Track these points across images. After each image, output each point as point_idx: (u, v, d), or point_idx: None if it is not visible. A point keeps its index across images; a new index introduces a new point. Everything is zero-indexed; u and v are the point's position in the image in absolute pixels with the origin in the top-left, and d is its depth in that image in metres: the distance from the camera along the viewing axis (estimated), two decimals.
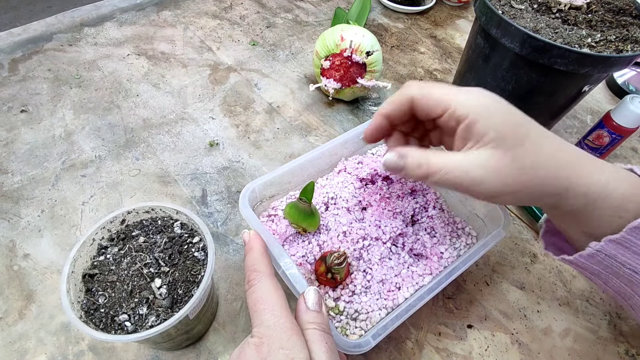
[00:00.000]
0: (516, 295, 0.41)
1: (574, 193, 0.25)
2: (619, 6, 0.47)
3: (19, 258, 0.40)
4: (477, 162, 0.25)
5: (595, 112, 0.63)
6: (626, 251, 0.25)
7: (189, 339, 0.35)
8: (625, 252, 0.25)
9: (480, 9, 0.46)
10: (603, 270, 0.27)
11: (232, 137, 0.53)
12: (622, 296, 0.28)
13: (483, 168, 0.24)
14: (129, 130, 0.52)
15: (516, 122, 0.25)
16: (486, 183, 0.24)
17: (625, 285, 0.27)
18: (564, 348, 0.38)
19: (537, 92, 0.47)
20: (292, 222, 0.37)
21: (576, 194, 0.25)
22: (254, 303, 0.25)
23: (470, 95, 0.26)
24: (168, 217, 0.34)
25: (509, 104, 0.26)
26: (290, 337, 0.23)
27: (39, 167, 0.47)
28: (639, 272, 0.26)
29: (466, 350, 0.37)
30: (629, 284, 0.27)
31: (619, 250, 0.25)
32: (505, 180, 0.24)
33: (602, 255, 0.26)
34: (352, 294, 0.35)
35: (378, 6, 0.79)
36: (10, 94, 0.54)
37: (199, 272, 0.31)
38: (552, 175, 0.25)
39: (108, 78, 0.58)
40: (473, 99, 0.26)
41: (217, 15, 0.71)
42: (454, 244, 0.39)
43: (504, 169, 0.24)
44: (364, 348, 0.29)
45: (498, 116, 0.25)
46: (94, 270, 0.30)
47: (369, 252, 0.37)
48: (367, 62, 0.53)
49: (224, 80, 0.60)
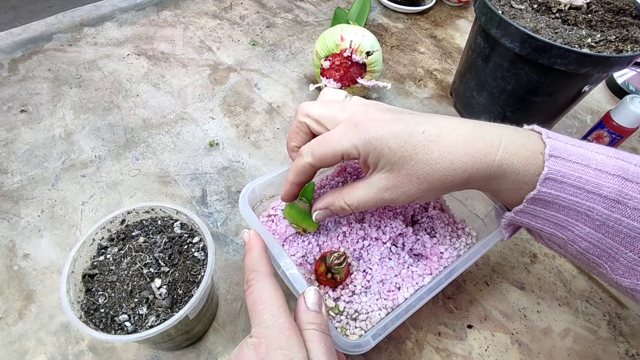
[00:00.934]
0: (516, 295, 0.41)
1: (475, 179, 0.27)
2: (619, 6, 0.47)
3: (18, 258, 0.40)
4: (380, 186, 0.29)
5: (595, 112, 0.63)
6: (536, 219, 0.28)
7: (189, 339, 0.35)
8: (536, 220, 0.28)
9: (480, 9, 0.46)
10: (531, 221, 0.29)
11: (232, 137, 0.53)
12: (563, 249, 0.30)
13: (387, 190, 0.28)
14: (129, 130, 0.52)
15: (400, 141, 0.27)
16: (396, 200, 0.29)
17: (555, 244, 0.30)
18: (564, 348, 0.38)
19: (537, 92, 0.47)
20: (291, 222, 0.37)
21: (477, 179, 0.27)
22: (253, 303, 0.25)
23: (350, 133, 0.28)
24: (168, 217, 0.34)
25: (385, 109, 0.29)
26: (288, 337, 0.23)
27: (38, 167, 0.47)
28: (557, 236, 0.28)
29: (466, 350, 0.37)
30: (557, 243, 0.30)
31: (529, 219, 0.28)
32: (409, 192, 0.28)
33: (517, 221, 0.30)
34: (352, 294, 0.35)
35: (378, 6, 0.79)
36: (10, 94, 0.54)
37: (199, 272, 0.31)
38: (450, 173, 0.27)
39: (108, 78, 0.58)
40: (354, 138, 0.28)
41: (217, 15, 0.71)
42: (454, 244, 0.39)
43: (404, 186, 0.28)
44: (364, 348, 0.29)
45: (382, 143, 0.27)
46: (94, 270, 0.30)
47: (369, 252, 0.37)
48: (367, 62, 0.53)
49: (224, 80, 0.60)
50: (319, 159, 0.30)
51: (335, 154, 0.29)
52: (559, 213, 0.27)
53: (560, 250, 0.30)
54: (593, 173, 0.25)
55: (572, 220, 0.26)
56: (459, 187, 0.28)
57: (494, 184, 0.28)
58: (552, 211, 0.27)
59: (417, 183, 0.28)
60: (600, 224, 0.26)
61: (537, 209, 0.27)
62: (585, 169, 0.25)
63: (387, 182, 0.28)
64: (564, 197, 0.26)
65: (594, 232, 0.26)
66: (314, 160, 0.30)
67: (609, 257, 0.26)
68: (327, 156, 0.29)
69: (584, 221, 0.26)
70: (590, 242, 0.27)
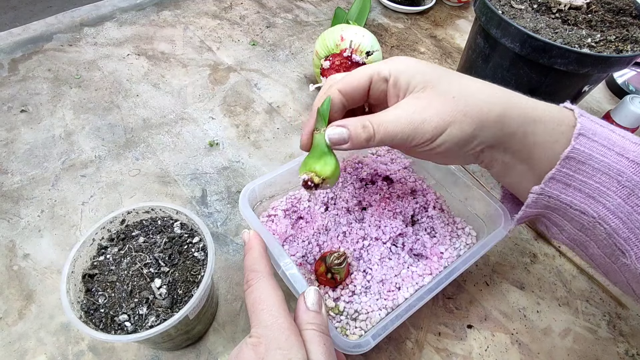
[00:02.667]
0: (516, 295, 0.41)
1: (509, 118, 0.26)
2: (619, 6, 0.47)
3: (18, 258, 0.40)
4: (412, 107, 0.26)
5: (595, 112, 0.63)
6: (568, 188, 0.26)
7: (189, 339, 0.35)
8: (567, 190, 0.26)
9: (480, 9, 0.46)
10: (553, 213, 0.28)
11: (232, 137, 0.53)
12: (580, 247, 0.29)
13: (419, 108, 0.26)
14: (128, 130, 0.52)
15: (435, 67, 0.27)
16: (428, 121, 0.26)
17: (578, 230, 0.27)
18: (564, 348, 0.38)
19: (537, 92, 0.47)
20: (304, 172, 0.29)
21: (512, 118, 0.26)
22: (252, 303, 0.25)
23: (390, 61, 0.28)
24: (168, 217, 0.34)
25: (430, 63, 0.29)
26: (288, 337, 0.23)
27: (38, 167, 0.47)
28: (586, 213, 0.26)
29: (466, 351, 0.37)
30: (581, 229, 0.27)
31: (560, 189, 0.26)
32: (442, 110, 0.26)
33: (546, 197, 0.27)
34: (352, 294, 0.35)
35: (378, 6, 0.79)
36: (10, 94, 0.54)
37: (198, 272, 0.31)
38: (486, 101, 0.26)
39: (108, 78, 0.58)
40: (391, 62, 0.28)
41: (217, 15, 0.71)
42: (454, 244, 0.39)
43: (436, 103, 0.26)
44: (364, 348, 0.29)
45: (418, 66, 0.27)
46: (94, 270, 0.30)
47: (369, 252, 0.37)
48: (367, 62, 0.53)
49: (224, 80, 0.60)
50: (346, 82, 0.28)
51: (363, 73, 0.28)
52: (590, 179, 0.25)
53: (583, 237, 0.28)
54: (618, 137, 0.25)
55: (603, 189, 0.25)
56: (492, 125, 0.26)
57: (530, 130, 0.26)
58: (584, 176, 0.25)
59: (452, 102, 0.26)
60: (629, 192, 0.24)
61: (569, 173, 0.25)
62: (611, 133, 0.25)
63: (418, 101, 0.26)
64: (596, 157, 0.25)
65: (624, 204, 0.25)
66: (341, 83, 0.28)
67: (638, 239, 0.25)
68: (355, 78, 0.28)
69: (614, 189, 0.25)
70: (620, 219, 0.25)
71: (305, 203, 0.41)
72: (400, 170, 0.44)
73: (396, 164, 0.44)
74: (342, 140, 0.27)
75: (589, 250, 0.28)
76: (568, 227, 0.28)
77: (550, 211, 0.28)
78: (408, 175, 0.43)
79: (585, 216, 0.26)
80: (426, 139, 0.26)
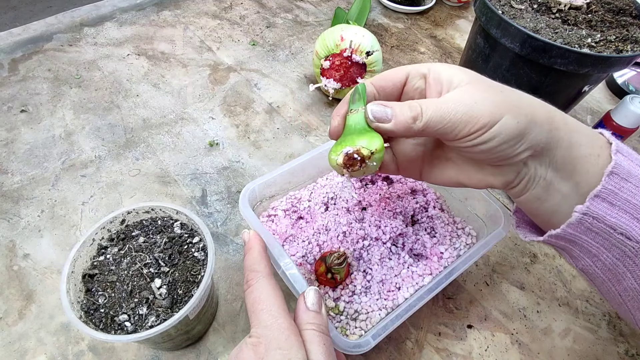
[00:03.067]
0: (516, 295, 0.41)
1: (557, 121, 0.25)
2: (619, 6, 0.47)
3: (19, 258, 0.40)
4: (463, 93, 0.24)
5: (595, 112, 0.63)
6: (612, 209, 0.24)
7: (189, 339, 0.35)
8: (612, 211, 0.24)
9: (480, 9, 0.46)
10: (593, 241, 0.25)
11: (232, 137, 0.53)
12: (611, 281, 0.27)
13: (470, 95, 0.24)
14: (129, 130, 0.52)
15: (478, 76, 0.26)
16: (482, 106, 0.23)
17: (618, 259, 0.25)
18: (564, 348, 0.38)
19: (537, 92, 0.47)
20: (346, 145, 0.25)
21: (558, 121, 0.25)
22: (252, 303, 0.25)
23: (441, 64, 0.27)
24: (168, 217, 0.34)
25: None
26: (287, 337, 0.23)
27: (39, 167, 0.47)
28: (632, 237, 0.24)
29: (466, 350, 0.37)
30: (621, 257, 0.25)
31: (605, 209, 0.24)
32: (496, 99, 0.24)
33: (590, 219, 0.24)
34: (352, 294, 0.35)
35: (378, 6, 0.79)
36: (10, 94, 0.54)
37: (199, 272, 0.31)
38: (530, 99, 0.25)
39: (108, 78, 0.58)
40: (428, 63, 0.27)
41: (217, 15, 0.71)
42: (454, 244, 0.39)
43: (488, 93, 0.24)
44: (364, 348, 0.29)
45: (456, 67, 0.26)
46: (94, 271, 0.30)
47: (369, 252, 0.37)
48: (367, 62, 0.53)
49: (224, 80, 0.60)
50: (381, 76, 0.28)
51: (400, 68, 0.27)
52: (633, 198, 0.23)
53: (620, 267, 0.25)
54: None
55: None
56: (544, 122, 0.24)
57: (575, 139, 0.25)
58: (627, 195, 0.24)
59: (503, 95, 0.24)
60: None
61: (614, 191, 0.23)
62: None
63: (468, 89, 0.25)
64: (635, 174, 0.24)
65: None
66: (376, 77, 0.28)
67: None
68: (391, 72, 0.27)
69: None
70: None
71: (305, 203, 0.41)
72: None
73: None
74: (385, 116, 0.25)
75: (623, 283, 0.26)
76: (605, 256, 0.25)
77: (591, 238, 0.25)
78: None
79: (630, 241, 0.24)
80: (480, 126, 0.23)
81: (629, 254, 0.25)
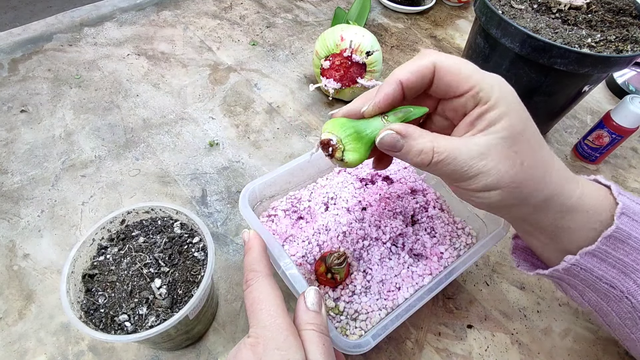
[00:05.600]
0: (516, 295, 0.41)
1: (554, 203, 0.25)
2: (619, 6, 0.47)
3: (18, 258, 0.40)
4: (484, 149, 0.23)
5: (595, 112, 0.63)
6: (602, 264, 0.25)
7: (189, 339, 0.35)
8: (601, 265, 0.26)
9: (480, 9, 0.46)
10: (580, 283, 0.27)
11: (232, 137, 0.53)
12: (598, 312, 0.29)
13: (489, 156, 0.23)
14: (129, 130, 0.52)
15: (525, 117, 0.25)
16: (491, 174, 0.23)
17: (602, 299, 0.27)
18: (564, 348, 0.38)
19: (537, 92, 0.47)
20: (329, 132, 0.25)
21: (556, 204, 0.25)
22: (251, 303, 0.25)
23: (494, 80, 0.25)
24: (168, 217, 0.34)
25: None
26: (286, 337, 0.23)
27: (38, 167, 0.47)
28: (615, 287, 0.26)
29: (466, 351, 0.37)
30: (605, 299, 0.27)
31: (594, 263, 0.26)
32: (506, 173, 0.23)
33: (578, 269, 0.26)
34: (352, 294, 0.35)
35: (378, 6, 0.79)
36: (10, 94, 0.54)
37: (198, 272, 0.31)
38: (540, 178, 0.24)
39: (108, 78, 0.58)
40: (497, 84, 0.24)
41: (217, 15, 0.71)
42: (454, 244, 0.39)
43: (507, 162, 0.23)
44: (364, 348, 0.29)
45: (514, 106, 0.24)
46: (94, 271, 0.30)
47: (369, 252, 0.37)
48: (367, 62, 0.53)
49: (224, 80, 0.60)
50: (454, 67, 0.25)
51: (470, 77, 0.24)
52: (626, 257, 0.25)
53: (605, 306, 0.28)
54: None
55: (637, 266, 0.25)
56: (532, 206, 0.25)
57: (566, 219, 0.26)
58: (621, 254, 0.25)
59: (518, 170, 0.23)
60: None
61: (608, 250, 0.25)
62: None
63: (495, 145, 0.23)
64: (635, 236, 0.25)
65: None
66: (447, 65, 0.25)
67: None
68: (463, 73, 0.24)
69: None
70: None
71: (305, 203, 0.41)
72: (400, 170, 0.44)
73: (396, 164, 0.44)
74: (393, 147, 0.24)
75: (608, 318, 0.28)
76: (590, 295, 0.28)
77: (578, 281, 0.27)
78: (408, 175, 0.43)
79: (614, 290, 0.26)
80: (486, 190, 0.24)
81: (612, 299, 0.27)
